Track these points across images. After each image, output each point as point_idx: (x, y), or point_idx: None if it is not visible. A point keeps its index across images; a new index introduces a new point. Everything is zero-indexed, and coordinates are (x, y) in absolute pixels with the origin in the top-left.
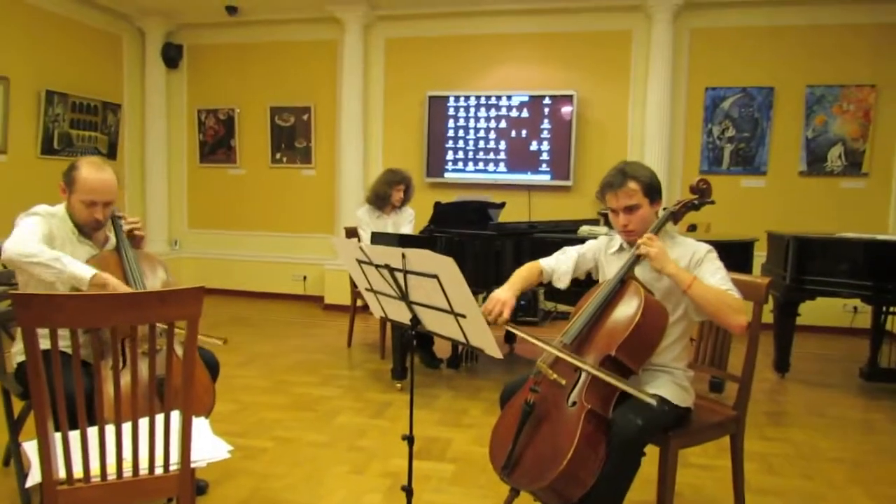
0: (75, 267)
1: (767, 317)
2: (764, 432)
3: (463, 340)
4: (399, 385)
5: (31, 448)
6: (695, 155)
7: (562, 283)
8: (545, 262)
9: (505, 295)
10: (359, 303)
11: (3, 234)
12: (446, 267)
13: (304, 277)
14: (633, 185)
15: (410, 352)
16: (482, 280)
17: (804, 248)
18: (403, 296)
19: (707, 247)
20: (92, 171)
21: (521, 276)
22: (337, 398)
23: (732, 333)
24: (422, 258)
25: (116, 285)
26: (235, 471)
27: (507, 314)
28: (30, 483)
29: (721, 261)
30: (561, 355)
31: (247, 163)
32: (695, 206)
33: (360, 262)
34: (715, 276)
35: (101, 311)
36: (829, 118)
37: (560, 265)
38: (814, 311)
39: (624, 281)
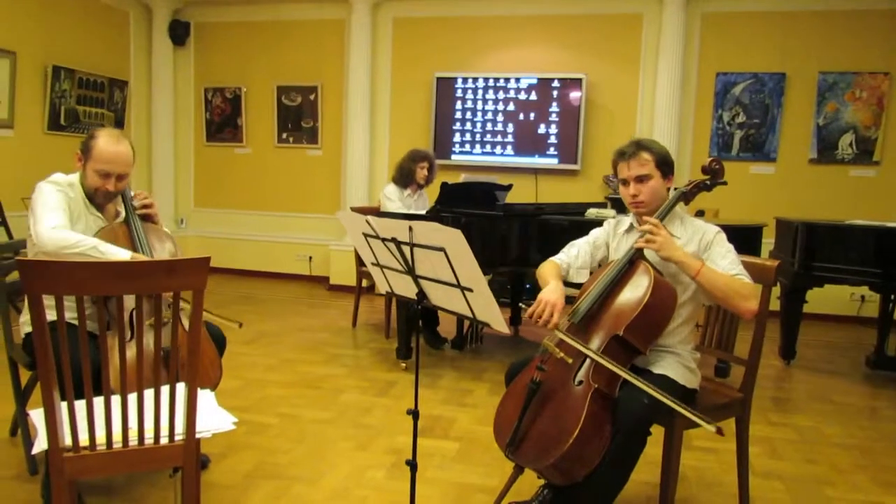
0: (112, 251)
1: (774, 304)
2: (769, 417)
3: (469, 315)
4: (404, 365)
5: (37, 416)
6: (704, 141)
7: (580, 277)
8: (559, 259)
9: (554, 296)
10: (364, 283)
11: (11, 207)
12: (454, 240)
13: (310, 258)
14: (646, 155)
15: (416, 331)
16: (488, 261)
17: (813, 234)
18: (410, 270)
19: (716, 229)
20: (109, 142)
21: (555, 275)
22: (342, 377)
23: (742, 318)
24: (429, 231)
25: None
26: (240, 445)
27: (556, 318)
28: (36, 450)
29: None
30: (567, 340)
31: (253, 142)
32: (707, 187)
33: (366, 236)
34: (725, 260)
35: (108, 279)
36: (840, 105)
37: (575, 260)
38: (821, 299)
39: (633, 261)
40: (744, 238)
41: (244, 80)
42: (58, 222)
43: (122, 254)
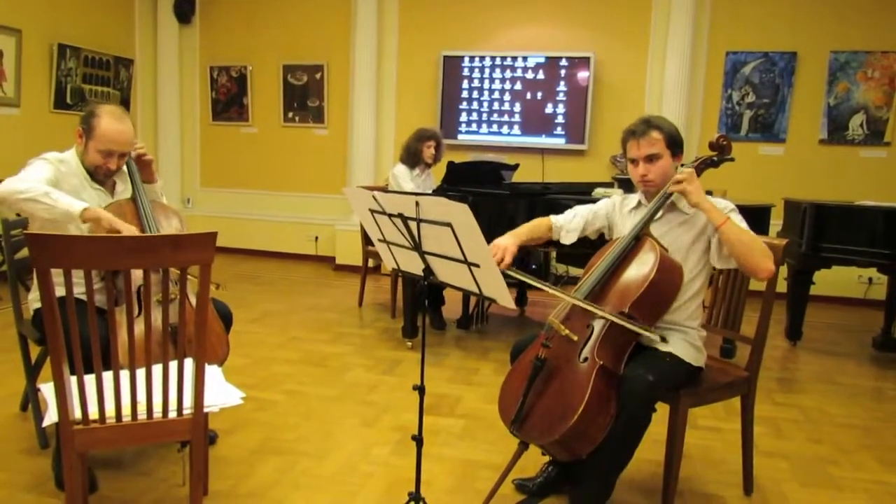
0: (66, 201)
1: (781, 286)
2: (773, 397)
3: (476, 291)
4: (409, 343)
5: (48, 390)
6: (713, 120)
7: (568, 238)
8: (555, 218)
9: (507, 241)
10: (370, 263)
11: None
12: (460, 214)
13: (316, 238)
14: (656, 134)
15: (422, 310)
16: (495, 240)
17: (821, 215)
18: (416, 246)
19: (731, 204)
20: (112, 121)
21: (528, 226)
22: (348, 355)
23: (757, 279)
24: (435, 206)
25: (111, 220)
26: (247, 421)
27: (508, 259)
28: (46, 422)
29: None
30: (577, 303)
31: (259, 121)
32: (714, 163)
33: (373, 211)
34: (741, 226)
35: (115, 253)
36: (852, 85)
37: (568, 223)
38: (828, 281)
39: (639, 237)
40: (752, 218)
41: (250, 59)
42: (31, 177)
43: (75, 204)
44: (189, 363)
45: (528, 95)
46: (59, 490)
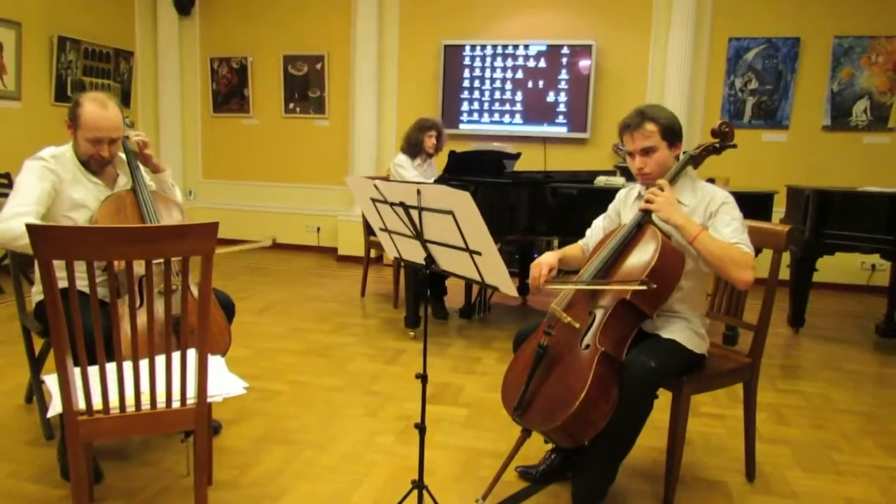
0: None
1: (783, 273)
2: (776, 384)
3: (478, 279)
4: (412, 333)
5: (52, 381)
6: (715, 107)
7: None
8: (582, 241)
9: (546, 258)
10: (372, 253)
11: None
12: (462, 202)
13: (318, 229)
14: (650, 126)
15: (424, 300)
16: (496, 229)
17: (824, 202)
18: (418, 234)
19: (724, 196)
20: (96, 108)
21: (566, 249)
22: (350, 345)
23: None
24: (437, 194)
25: None
26: (250, 411)
27: (545, 272)
28: (51, 413)
29: (739, 210)
30: (588, 287)
31: (260, 113)
32: (716, 150)
33: (374, 200)
34: (728, 228)
35: (117, 244)
36: (856, 71)
37: (590, 239)
38: (831, 268)
39: (641, 225)
40: (754, 205)
41: (250, 50)
42: (20, 210)
43: None
44: (192, 353)
45: (530, 84)
46: (64, 480)
